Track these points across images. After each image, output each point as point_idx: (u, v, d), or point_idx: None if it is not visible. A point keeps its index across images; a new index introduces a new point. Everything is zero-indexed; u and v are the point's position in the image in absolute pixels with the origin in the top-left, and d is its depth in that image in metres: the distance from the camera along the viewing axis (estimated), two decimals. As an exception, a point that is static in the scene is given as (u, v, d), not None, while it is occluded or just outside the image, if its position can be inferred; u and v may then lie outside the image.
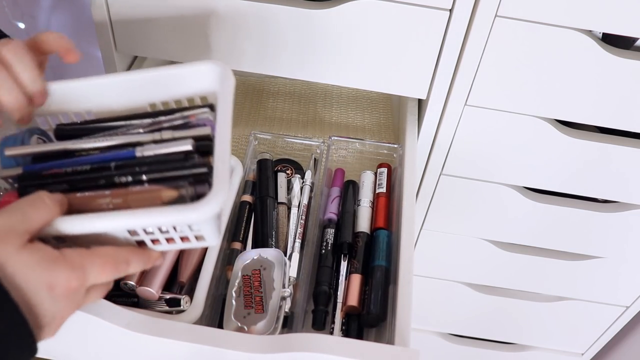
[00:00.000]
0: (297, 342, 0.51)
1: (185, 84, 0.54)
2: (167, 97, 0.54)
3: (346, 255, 0.68)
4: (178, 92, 0.54)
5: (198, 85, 0.54)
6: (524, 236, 0.93)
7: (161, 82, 0.54)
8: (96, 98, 0.54)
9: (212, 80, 0.53)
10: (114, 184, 0.48)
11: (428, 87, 0.73)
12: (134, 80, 0.53)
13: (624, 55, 0.66)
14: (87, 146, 0.51)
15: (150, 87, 0.54)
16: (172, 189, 0.46)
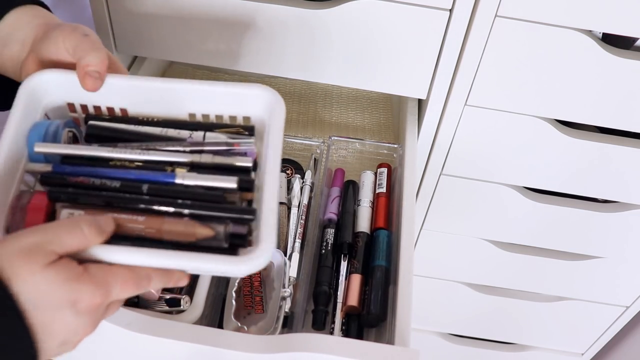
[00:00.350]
0: (297, 342, 0.51)
1: (231, 102, 0.52)
2: (209, 111, 0.52)
3: (346, 255, 0.68)
4: (221, 109, 0.52)
5: (244, 107, 0.52)
6: (524, 236, 0.93)
7: (206, 96, 0.51)
8: (134, 98, 0.52)
9: (260, 105, 0.51)
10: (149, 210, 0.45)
11: (428, 87, 0.73)
12: (178, 89, 0.51)
13: (624, 55, 0.66)
14: (121, 156, 0.48)
15: (193, 99, 0.52)
16: (208, 227, 0.44)
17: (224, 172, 0.47)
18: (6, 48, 0.51)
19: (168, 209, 0.45)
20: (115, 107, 0.52)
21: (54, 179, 0.47)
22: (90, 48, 0.48)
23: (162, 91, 0.51)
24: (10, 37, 0.51)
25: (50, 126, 0.49)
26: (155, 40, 0.72)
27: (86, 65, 0.47)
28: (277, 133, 0.48)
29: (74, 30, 0.49)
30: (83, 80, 0.48)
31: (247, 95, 0.51)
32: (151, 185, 0.46)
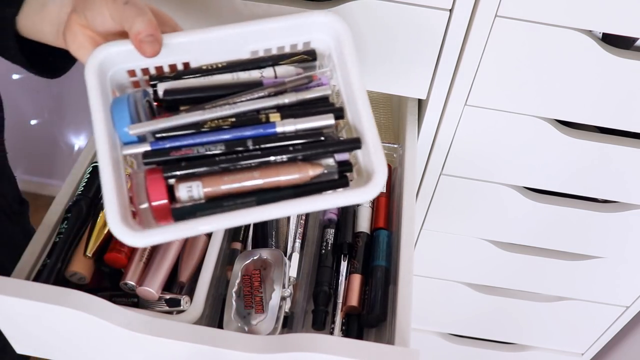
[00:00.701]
0: (297, 342, 0.51)
1: (292, 33, 0.52)
2: (270, 45, 0.53)
3: (346, 255, 0.68)
4: (282, 41, 0.53)
5: (304, 35, 0.53)
6: (524, 236, 0.93)
7: (267, 33, 0.52)
8: (194, 52, 0.51)
9: (320, 29, 0.52)
10: (262, 164, 0.47)
11: (428, 87, 0.73)
12: (239, 33, 0.51)
13: (624, 55, 0.66)
14: (212, 116, 0.48)
15: (254, 39, 0.52)
16: (318, 165, 0.47)
17: (309, 105, 0.50)
18: (44, 11, 0.52)
19: (283, 158, 0.47)
20: (177, 63, 0.52)
21: (156, 156, 0.47)
22: (136, 14, 0.48)
23: (222, 38, 0.51)
24: (44, 1, 0.52)
25: (130, 100, 0.48)
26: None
27: (138, 33, 0.47)
28: (352, 56, 0.50)
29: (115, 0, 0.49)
30: (140, 48, 0.48)
31: (310, 23, 0.52)
32: (255, 140, 0.47)
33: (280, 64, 0.52)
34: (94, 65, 0.48)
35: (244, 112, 0.49)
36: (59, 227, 0.62)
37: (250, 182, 0.46)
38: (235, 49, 0.52)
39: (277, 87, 0.50)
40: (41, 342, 0.57)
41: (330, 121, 0.48)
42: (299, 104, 0.50)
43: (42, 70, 0.57)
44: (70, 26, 0.50)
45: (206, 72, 0.51)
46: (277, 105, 0.49)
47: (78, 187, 0.65)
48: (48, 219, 0.63)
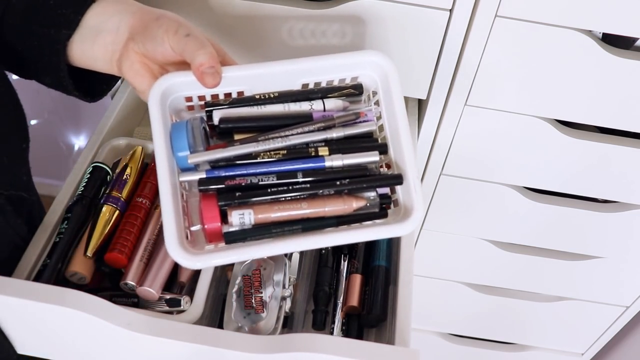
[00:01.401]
0: (297, 342, 0.51)
1: (342, 70, 0.56)
2: (321, 79, 0.56)
3: (346, 255, 0.68)
4: (332, 76, 0.56)
5: (353, 71, 0.56)
6: (524, 236, 0.93)
7: (320, 70, 0.55)
8: (249, 83, 0.55)
9: (368, 67, 0.55)
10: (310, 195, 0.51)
11: (428, 87, 0.73)
12: (291, 70, 0.54)
13: (624, 55, 0.66)
14: (265, 148, 0.52)
15: (307, 74, 0.55)
16: (361, 198, 0.51)
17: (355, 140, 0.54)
18: (99, 36, 0.52)
19: (330, 191, 0.51)
20: (232, 92, 0.55)
21: (212, 184, 0.50)
22: (197, 47, 0.49)
23: (276, 73, 0.54)
24: (100, 27, 0.52)
25: (188, 127, 0.51)
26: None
27: (200, 65, 0.49)
28: (398, 94, 0.54)
29: (177, 31, 0.50)
30: (202, 80, 0.50)
31: (360, 62, 0.55)
32: (304, 172, 0.51)
33: (328, 97, 0.56)
34: (157, 95, 0.51)
35: (295, 144, 0.53)
36: (59, 227, 0.62)
37: (298, 212, 0.50)
38: (287, 82, 0.56)
39: (326, 122, 0.54)
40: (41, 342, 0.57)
41: (375, 158, 0.52)
42: (346, 138, 0.54)
43: (84, 94, 0.58)
44: (127, 54, 0.51)
45: (259, 102, 0.55)
46: (325, 140, 0.53)
47: (78, 187, 0.65)
48: (48, 219, 0.63)
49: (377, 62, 0.55)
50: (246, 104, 0.54)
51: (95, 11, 0.53)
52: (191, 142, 0.51)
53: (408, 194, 0.51)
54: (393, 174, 0.52)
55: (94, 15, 0.53)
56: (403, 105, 0.53)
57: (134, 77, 0.52)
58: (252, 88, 0.55)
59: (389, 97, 0.54)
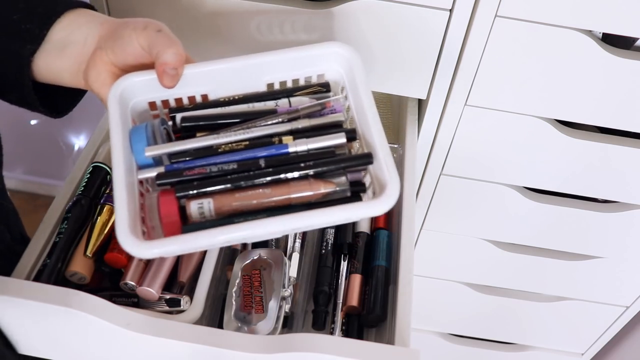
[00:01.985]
0: (297, 342, 0.51)
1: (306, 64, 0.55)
2: (286, 77, 0.55)
3: (346, 255, 0.68)
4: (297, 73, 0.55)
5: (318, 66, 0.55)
6: (524, 236, 0.93)
7: (282, 64, 0.54)
8: (212, 83, 0.53)
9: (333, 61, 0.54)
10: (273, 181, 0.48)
11: (428, 87, 0.73)
12: (255, 64, 0.53)
13: (624, 55, 0.66)
14: (227, 140, 0.50)
15: (270, 69, 0.54)
16: (330, 182, 0.47)
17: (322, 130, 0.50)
18: (65, 50, 0.51)
19: (294, 175, 0.47)
20: (195, 94, 0.54)
21: (170, 177, 0.48)
22: (166, 44, 0.49)
23: (239, 69, 0.53)
24: (67, 40, 0.51)
25: (148, 128, 0.50)
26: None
27: (164, 64, 0.48)
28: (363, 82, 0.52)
29: (147, 26, 0.49)
30: (161, 77, 0.49)
31: (322, 54, 0.54)
32: (267, 159, 0.48)
33: (294, 95, 0.54)
34: (116, 94, 0.50)
35: (258, 136, 0.50)
36: (59, 227, 0.62)
37: (262, 200, 0.47)
38: (252, 81, 0.54)
39: (290, 114, 0.52)
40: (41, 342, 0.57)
41: (342, 140, 0.49)
42: (312, 129, 0.51)
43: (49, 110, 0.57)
44: (94, 64, 0.50)
45: (223, 104, 0.53)
46: (290, 131, 0.51)
47: (78, 187, 0.65)
48: (48, 219, 0.63)
49: (340, 53, 0.54)
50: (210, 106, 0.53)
51: (62, 25, 0.51)
52: (151, 143, 0.49)
53: (381, 173, 0.47)
54: (362, 153, 0.49)
55: (60, 29, 0.51)
56: (369, 92, 0.51)
57: (100, 87, 0.51)
58: (216, 89, 0.54)
59: (355, 86, 0.52)
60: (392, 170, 0.47)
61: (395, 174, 0.46)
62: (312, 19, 0.67)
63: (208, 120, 0.52)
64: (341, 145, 0.50)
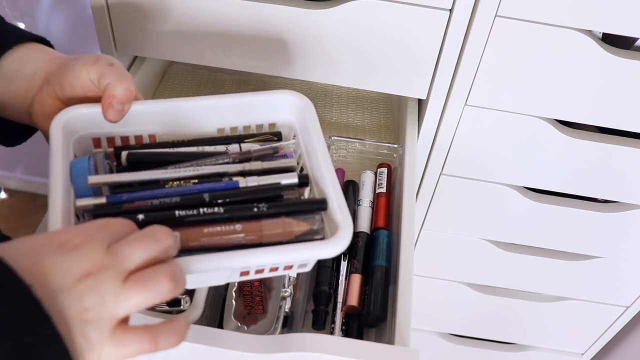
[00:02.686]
0: (297, 342, 0.51)
1: (258, 111, 0.54)
2: (237, 123, 0.54)
3: (346, 255, 0.68)
4: (248, 119, 0.54)
5: (270, 114, 0.54)
6: (524, 236, 0.93)
7: (233, 109, 0.53)
8: (160, 122, 0.52)
9: (286, 109, 0.54)
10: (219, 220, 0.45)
11: (428, 87, 0.73)
12: (204, 106, 0.52)
13: (624, 55, 0.66)
14: (175, 176, 0.48)
15: (220, 113, 0.53)
16: (305, 222, 0.46)
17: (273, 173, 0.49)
18: (12, 84, 0.50)
19: (244, 214, 0.45)
20: (143, 134, 0.52)
21: (109, 210, 0.45)
22: (117, 78, 0.48)
23: (187, 110, 0.52)
24: (16, 73, 0.50)
25: (91, 161, 0.48)
26: (155, 40, 0.72)
27: (112, 96, 0.47)
28: (316, 128, 0.51)
29: (97, 60, 0.48)
30: (106, 110, 0.47)
31: (274, 101, 0.53)
32: (212, 194, 0.46)
33: (245, 141, 0.53)
34: (60, 123, 0.48)
35: (208, 174, 0.48)
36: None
37: (233, 236, 0.44)
38: (202, 124, 0.53)
39: (242, 154, 0.51)
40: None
41: (294, 179, 0.48)
42: (264, 172, 0.50)
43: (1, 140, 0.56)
44: (40, 99, 0.49)
45: (172, 146, 0.51)
46: (241, 172, 0.49)
47: (78, 187, 0.65)
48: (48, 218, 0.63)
49: (291, 100, 0.53)
50: (158, 147, 0.51)
51: (13, 57, 0.51)
52: (93, 174, 0.47)
53: (335, 216, 0.46)
54: (317, 198, 0.48)
55: (11, 61, 0.50)
56: (322, 139, 0.51)
57: (44, 120, 0.49)
58: (164, 129, 0.52)
59: (307, 133, 0.52)
60: (345, 214, 0.45)
61: (349, 219, 0.45)
62: (312, 19, 0.67)
63: (156, 158, 0.50)
64: (292, 187, 0.48)
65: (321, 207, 0.47)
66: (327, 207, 0.47)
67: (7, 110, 0.52)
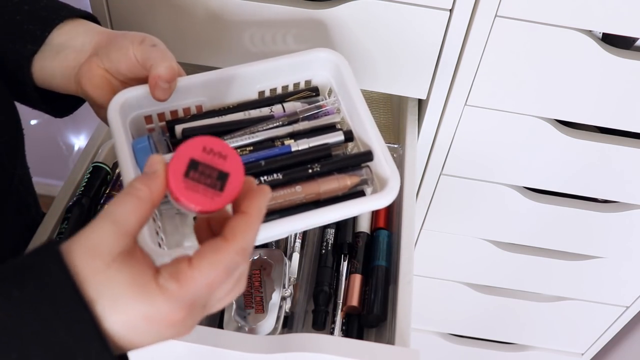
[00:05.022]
0: (297, 342, 0.51)
1: (294, 71, 0.57)
2: (276, 84, 0.57)
3: (346, 255, 0.68)
4: (286, 79, 0.57)
5: (305, 72, 0.57)
6: (524, 236, 0.93)
7: (272, 72, 0.56)
8: (205, 93, 0.55)
9: (320, 66, 0.57)
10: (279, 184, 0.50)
11: (428, 87, 0.73)
12: (245, 73, 0.55)
13: (624, 55, 0.66)
14: (234, 145, 0.51)
15: (260, 78, 0.56)
16: (355, 175, 0.50)
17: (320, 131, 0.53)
18: (59, 55, 0.52)
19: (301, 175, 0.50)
20: (190, 106, 0.55)
21: None
22: (160, 58, 0.50)
23: (230, 79, 0.55)
24: (64, 46, 0.52)
25: (150, 140, 0.51)
26: (155, 40, 0.72)
27: (157, 77, 0.49)
28: (353, 85, 0.54)
29: (143, 40, 0.50)
30: (153, 90, 0.50)
31: (310, 61, 0.56)
32: (267, 161, 0.50)
33: (287, 100, 0.56)
34: (117, 108, 0.50)
35: (261, 140, 0.52)
36: (59, 227, 0.62)
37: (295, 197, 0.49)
38: (243, 89, 0.56)
39: (290, 116, 0.54)
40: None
41: (340, 137, 0.53)
42: (311, 130, 0.54)
43: (52, 109, 0.58)
44: (88, 68, 0.51)
45: (218, 113, 0.54)
46: (290, 133, 0.53)
47: (78, 187, 0.65)
48: (48, 219, 0.63)
49: (326, 58, 0.56)
50: (206, 117, 0.54)
51: (62, 30, 0.53)
52: (154, 152, 0.50)
53: (381, 168, 0.51)
54: (363, 152, 0.52)
55: (61, 33, 0.53)
56: (359, 93, 0.54)
57: (93, 90, 0.51)
58: (209, 99, 0.55)
59: (345, 89, 0.55)
60: (391, 165, 0.50)
61: (395, 168, 0.50)
62: (312, 19, 0.67)
63: (209, 130, 0.53)
64: (339, 144, 0.53)
65: (368, 158, 0.52)
66: (373, 157, 0.51)
67: (55, 80, 0.53)
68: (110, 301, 0.33)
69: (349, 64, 0.55)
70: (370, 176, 0.51)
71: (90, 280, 0.33)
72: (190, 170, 0.35)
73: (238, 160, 0.36)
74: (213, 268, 0.34)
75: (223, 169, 0.36)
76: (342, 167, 0.51)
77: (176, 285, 0.34)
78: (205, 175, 0.36)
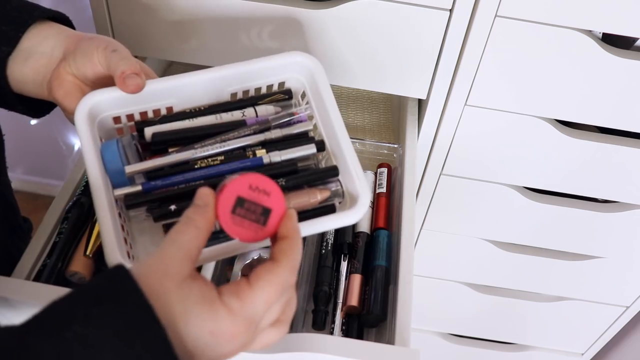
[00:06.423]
0: (297, 342, 0.51)
1: (268, 74, 0.56)
2: (249, 86, 0.56)
3: (346, 255, 0.68)
4: (259, 82, 0.56)
5: (279, 75, 0.56)
6: (524, 236, 0.93)
7: (245, 75, 0.55)
8: (176, 96, 0.54)
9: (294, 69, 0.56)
10: None
11: (428, 87, 0.73)
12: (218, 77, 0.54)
13: (624, 55, 0.66)
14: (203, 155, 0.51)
15: (232, 81, 0.55)
16: (325, 189, 0.51)
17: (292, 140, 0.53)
18: (29, 61, 0.52)
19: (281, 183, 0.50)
20: (160, 107, 0.54)
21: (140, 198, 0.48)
22: (120, 59, 0.50)
23: (202, 82, 0.54)
24: (33, 50, 0.52)
25: (119, 145, 0.50)
26: (156, 40, 0.72)
27: (122, 74, 0.49)
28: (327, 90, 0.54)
29: (106, 46, 0.50)
30: (124, 86, 0.50)
31: (284, 64, 0.55)
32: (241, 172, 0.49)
33: (259, 103, 0.56)
34: (84, 111, 0.50)
35: (232, 149, 0.52)
36: (59, 227, 0.62)
37: None
38: (216, 92, 0.55)
39: (261, 124, 0.54)
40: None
41: (312, 150, 0.52)
42: (284, 139, 0.53)
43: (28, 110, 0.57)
44: (58, 74, 0.51)
45: (189, 115, 0.54)
46: (263, 142, 0.53)
47: (78, 187, 0.65)
48: (48, 219, 0.63)
49: (301, 62, 0.55)
50: (177, 119, 0.53)
51: (31, 33, 0.52)
52: (124, 159, 0.50)
53: (352, 184, 0.50)
54: (328, 167, 0.52)
55: (30, 37, 0.52)
56: (333, 100, 0.53)
57: (63, 96, 0.51)
58: (180, 102, 0.54)
59: (319, 95, 0.54)
60: (361, 178, 0.50)
61: (366, 183, 0.50)
62: (313, 19, 0.67)
63: (179, 135, 0.52)
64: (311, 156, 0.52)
65: (334, 174, 0.52)
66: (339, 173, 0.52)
67: (27, 86, 0.53)
68: (182, 319, 0.36)
69: (324, 69, 0.55)
70: (340, 189, 0.51)
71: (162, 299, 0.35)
72: (237, 207, 0.39)
73: (280, 196, 0.40)
74: (269, 285, 0.38)
75: (267, 205, 0.40)
76: (309, 181, 0.51)
77: (239, 302, 0.37)
78: (250, 212, 0.39)
